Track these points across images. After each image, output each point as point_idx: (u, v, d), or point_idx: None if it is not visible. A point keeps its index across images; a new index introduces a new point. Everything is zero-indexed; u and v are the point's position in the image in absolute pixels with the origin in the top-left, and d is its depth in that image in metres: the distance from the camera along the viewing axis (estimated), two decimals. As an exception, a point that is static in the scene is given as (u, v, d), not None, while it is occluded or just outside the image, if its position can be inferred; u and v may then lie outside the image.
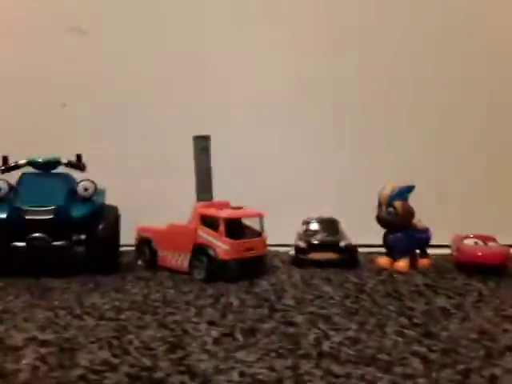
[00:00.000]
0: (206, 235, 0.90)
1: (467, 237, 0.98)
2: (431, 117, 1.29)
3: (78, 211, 0.93)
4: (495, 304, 0.70)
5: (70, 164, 1.03)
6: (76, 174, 1.02)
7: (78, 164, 1.03)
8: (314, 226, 1.07)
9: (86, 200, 0.95)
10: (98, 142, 1.31)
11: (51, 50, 1.34)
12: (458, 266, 0.95)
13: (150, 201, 1.32)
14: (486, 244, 0.95)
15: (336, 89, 1.31)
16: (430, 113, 1.29)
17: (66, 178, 1.00)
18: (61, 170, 1.03)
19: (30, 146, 1.07)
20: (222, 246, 0.88)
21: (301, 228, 1.08)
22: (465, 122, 1.27)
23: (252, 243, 0.91)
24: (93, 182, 0.96)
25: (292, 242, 1.05)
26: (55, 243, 0.91)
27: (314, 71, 1.32)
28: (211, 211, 0.91)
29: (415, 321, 0.63)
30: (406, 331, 0.58)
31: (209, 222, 0.91)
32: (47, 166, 1.01)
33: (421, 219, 1.00)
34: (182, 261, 0.95)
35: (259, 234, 0.94)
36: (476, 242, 0.96)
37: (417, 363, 0.48)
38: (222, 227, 0.88)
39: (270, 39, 1.32)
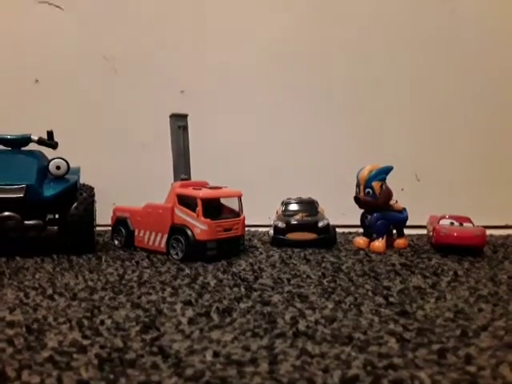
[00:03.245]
0: (183, 215, 0.89)
1: (443, 217, 0.99)
2: (409, 100, 1.29)
3: (49, 190, 0.90)
4: (470, 284, 0.71)
5: (41, 141, 0.99)
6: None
7: (50, 141, 1.00)
8: (293, 207, 1.06)
9: (59, 179, 0.93)
10: (73, 122, 1.27)
11: (24, 24, 1.29)
12: (433, 246, 0.96)
13: (126, 181, 1.30)
14: (461, 225, 0.96)
15: (313, 75, 1.30)
16: (408, 96, 1.29)
17: (37, 155, 0.96)
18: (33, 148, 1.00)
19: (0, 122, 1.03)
20: (199, 226, 0.86)
21: (279, 208, 1.08)
22: (441, 106, 1.28)
23: (230, 223, 0.90)
24: (65, 160, 0.93)
25: (271, 222, 1.05)
26: (27, 222, 0.88)
27: (292, 55, 1.30)
28: (188, 191, 0.90)
29: (391, 300, 0.63)
30: (382, 310, 0.58)
31: (186, 202, 0.89)
32: (17, 143, 0.97)
33: (398, 200, 1.00)
34: (159, 241, 0.93)
35: (238, 214, 0.93)
36: (452, 223, 0.97)
37: (392, 342, 0.48)
38: (199, 207, 0.86)
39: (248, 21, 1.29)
